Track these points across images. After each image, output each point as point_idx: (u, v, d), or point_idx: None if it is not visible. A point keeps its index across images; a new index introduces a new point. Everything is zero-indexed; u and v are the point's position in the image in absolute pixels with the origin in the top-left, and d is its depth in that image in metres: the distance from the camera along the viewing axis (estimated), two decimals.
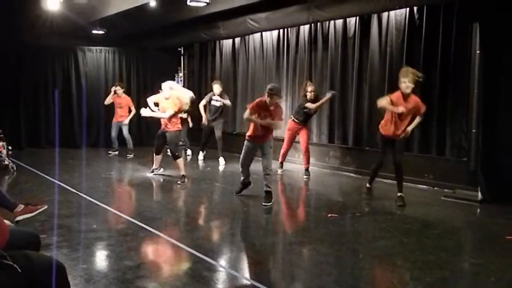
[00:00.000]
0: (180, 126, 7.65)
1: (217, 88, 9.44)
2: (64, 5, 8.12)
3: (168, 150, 7.84)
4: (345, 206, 6.24)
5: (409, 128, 5.95)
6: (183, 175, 7.38)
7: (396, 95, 5.89)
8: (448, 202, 6.31)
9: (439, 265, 3.95)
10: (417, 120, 5.99)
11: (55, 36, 10.98)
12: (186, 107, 7.93)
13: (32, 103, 11.39)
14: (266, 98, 5.90)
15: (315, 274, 3.81)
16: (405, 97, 5.84)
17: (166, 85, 7.52)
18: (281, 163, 8.41)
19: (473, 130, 6.42)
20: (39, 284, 2.25)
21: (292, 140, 8.29)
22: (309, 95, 7.92)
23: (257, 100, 6.10)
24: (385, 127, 6.07)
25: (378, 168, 6.43)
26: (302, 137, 8.09)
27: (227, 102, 9.54)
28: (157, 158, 7.91)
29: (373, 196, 6.54)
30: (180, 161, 7.48)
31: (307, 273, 3.86)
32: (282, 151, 8.32)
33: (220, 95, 9.45)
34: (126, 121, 10.30)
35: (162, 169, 8.07)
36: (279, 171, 8.30)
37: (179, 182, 7.29)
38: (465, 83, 6.70)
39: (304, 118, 8.07)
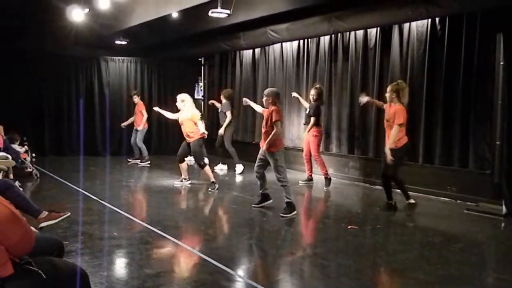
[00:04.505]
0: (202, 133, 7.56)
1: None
2: (88, 16, 8.33)
3: (192, 158, 7.79)
4: (365, 217, 6.18)
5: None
6: (212, 181, 7.42)
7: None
8: (471, 215, 6.19)
9: (462, 280, 3.88)
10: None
11: (79, 46, 11.24)
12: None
13: (56, 111, 11.64)
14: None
15: (334, 287, 3.77)
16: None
17: (179, 98, 7.57)
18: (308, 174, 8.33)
19: (497, 142, 6.32)
20: None
21: (306, 147, 8.23)
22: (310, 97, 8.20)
23: None
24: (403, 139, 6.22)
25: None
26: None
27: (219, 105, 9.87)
28: (183, 168, 7.80)
29: (394, 208, 6.44)
30: (207, 169, 7.50)
31: (326, 285, 3.82)
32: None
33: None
34: (139, 127, 10.47)
35: (189, 181, 7.92)
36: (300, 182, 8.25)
37: (209, 189, 7.36)
38: (489, 94, 6.60)
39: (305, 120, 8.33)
